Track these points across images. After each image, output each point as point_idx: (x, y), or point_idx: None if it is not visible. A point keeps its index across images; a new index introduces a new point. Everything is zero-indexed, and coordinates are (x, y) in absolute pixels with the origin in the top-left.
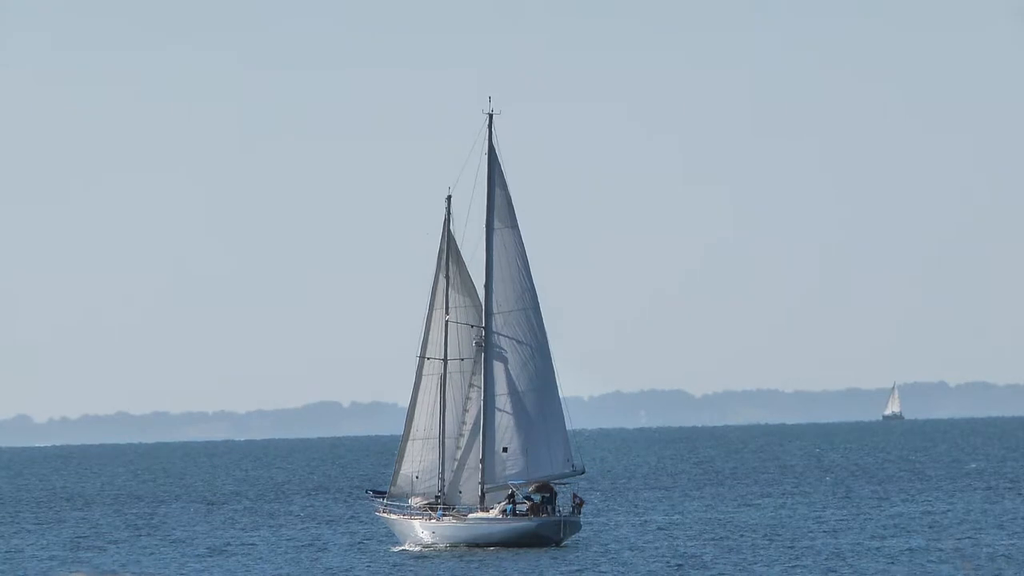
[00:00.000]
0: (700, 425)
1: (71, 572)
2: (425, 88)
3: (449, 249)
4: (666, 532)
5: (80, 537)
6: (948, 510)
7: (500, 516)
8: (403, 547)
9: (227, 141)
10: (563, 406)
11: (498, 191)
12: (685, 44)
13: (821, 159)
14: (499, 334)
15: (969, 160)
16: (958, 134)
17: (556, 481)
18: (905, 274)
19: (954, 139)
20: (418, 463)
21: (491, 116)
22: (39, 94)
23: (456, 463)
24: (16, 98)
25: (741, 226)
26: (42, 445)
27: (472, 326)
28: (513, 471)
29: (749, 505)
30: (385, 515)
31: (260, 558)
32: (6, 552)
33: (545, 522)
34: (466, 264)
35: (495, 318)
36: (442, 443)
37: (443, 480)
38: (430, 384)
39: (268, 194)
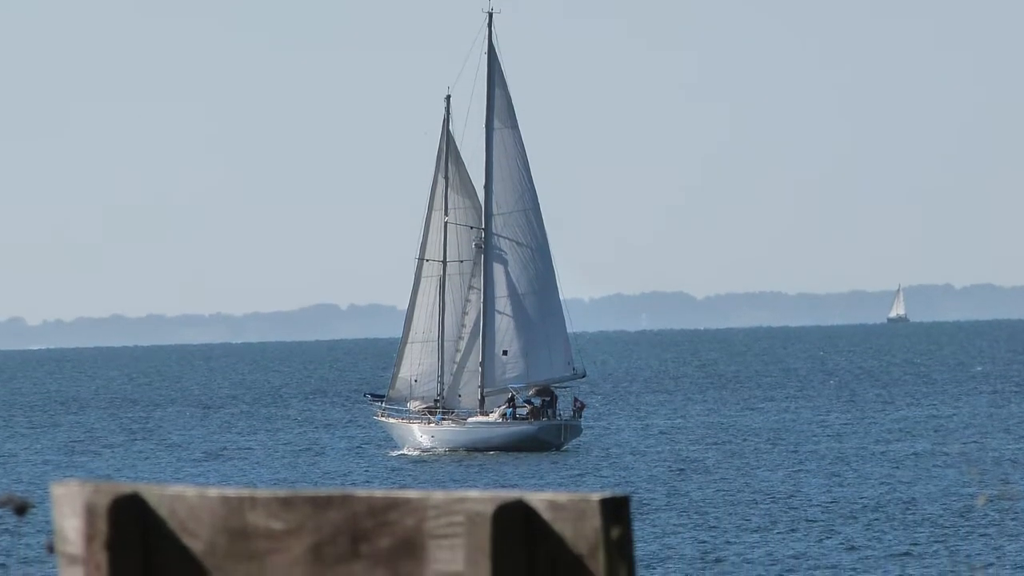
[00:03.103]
0: (702, 328)
1: (65, 477)
2: None
3: (448, 149)
4: (668, 436)
5: (75, 441)
6: (954, 414)
7: (500, 420)
8: (402, 451)
9: (224, 47)
10: (563, 308)
11: (498, 91)
12: None
13: (825, 62)
14: (499, 235)
15: (974, 61)
16: (962, 38)
17: (556, 384)
18: (910, 175)
19: (958, 42)
20: (417, 366)
21: (491, 15)
22: (45, 8)
23: (455, 366)
24: (21, 12)
25: (745, 127)
26: (36, 348)
27: (472, 227)
28: (513, 374)
29: (752, 409)
30: (383, 419)
31: (257, 462)
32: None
33: (545, 426)
34: (465, 165)
35: (495, 219)
36: (441, 346)
37: (442, 383)
38: (429, 286)
39: (265, 96)
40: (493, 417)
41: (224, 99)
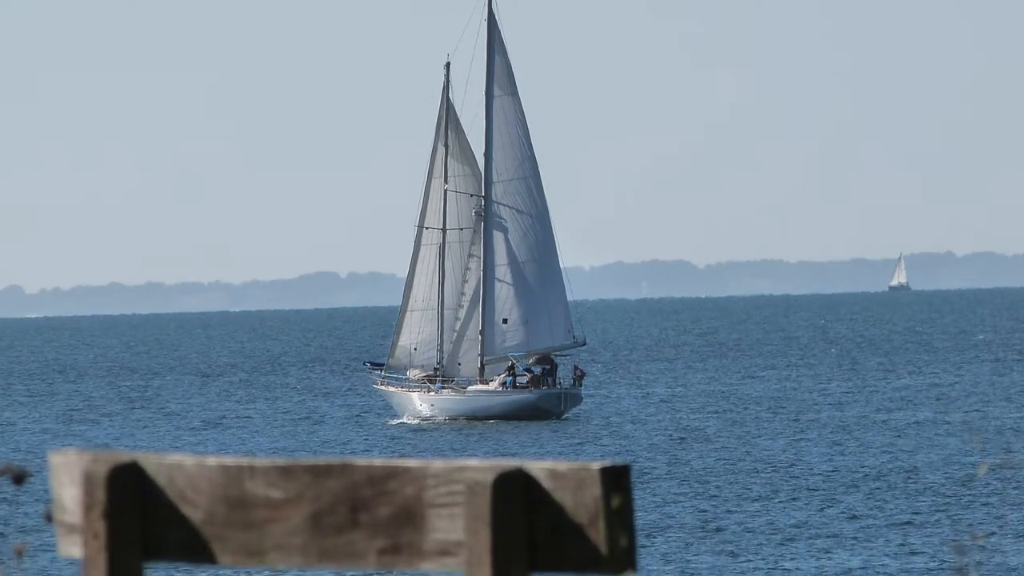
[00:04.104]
0: (703, 296)
1: (63, 445)
2: None
3: (448, 117)
4: (669, 405)
5: (73, 410)
6: (955, 382)
7: (500, 388)
8: (401, 420)
9: (224, 18)
10: (564, 276)
11: (498, 58)
12: None
13: (824, 28)
14: (499, 203)
15: (975, 27)
16: (963, 3)
17: (557, 353)
18: (912, 143)
19: (959, 8)
20: (416, 334)
21: None
22: None
23: (455, 334)
24: None
25: (745, 95)
26: (34, 316)
27: (471, 195)
28: (513, 343)
29: (753, 377)
30: (383, 387)
31: (256, 431)
32: None
33: (546, 394)
34: (465, 132)
35: (495, 187)
36: (441, 314)
37: (442, 352)
38: (429, 254)
39: (265, 62)
40: (493, 385)
41: (224, 67)
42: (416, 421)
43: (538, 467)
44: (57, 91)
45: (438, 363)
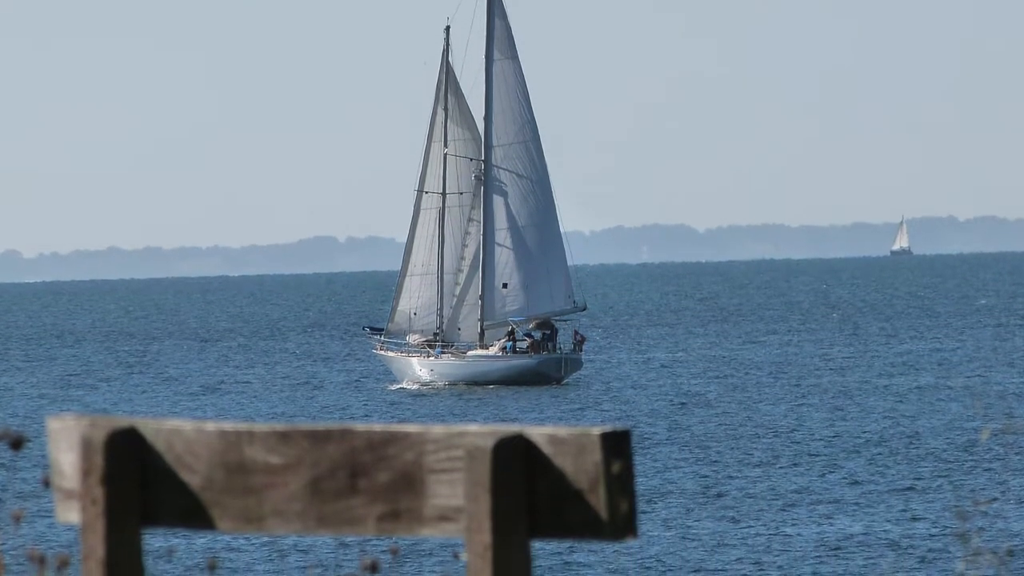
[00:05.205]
0: (704, 261)
1: (62, 411)
2: None
3: (448, 81)
4: (669, 370)
5: (71, 375)
6: (957, 347)
7: (500, 353)
8: (401, 385)
9: None
10: (564, 241)
11: (498, 21)
12: None
13: None
14: (499, 167)
15: None
16: None
17: (557, 318)
18: (914, 106)
19: None
20: (416, 299)
21: None
22: None
23: (455, 299)
24: None
25: (745, 59)
26: (31, 281)
27: (471, 159)
28: (513, 307)
29: (754, 342)
30: (382, 352)
31: (255, 396)
32: None
33: (546, 359)
34: (465, 96)
35: (495, 151)
36: (440, 279)
37: (442, 316)
38: (428, 218)
39: (262, 25)
40: (493, 350)
41: (224, 32)
42: (416, 386)
43: (538, 432)
44: (55, 55)
45: (438, 328)
